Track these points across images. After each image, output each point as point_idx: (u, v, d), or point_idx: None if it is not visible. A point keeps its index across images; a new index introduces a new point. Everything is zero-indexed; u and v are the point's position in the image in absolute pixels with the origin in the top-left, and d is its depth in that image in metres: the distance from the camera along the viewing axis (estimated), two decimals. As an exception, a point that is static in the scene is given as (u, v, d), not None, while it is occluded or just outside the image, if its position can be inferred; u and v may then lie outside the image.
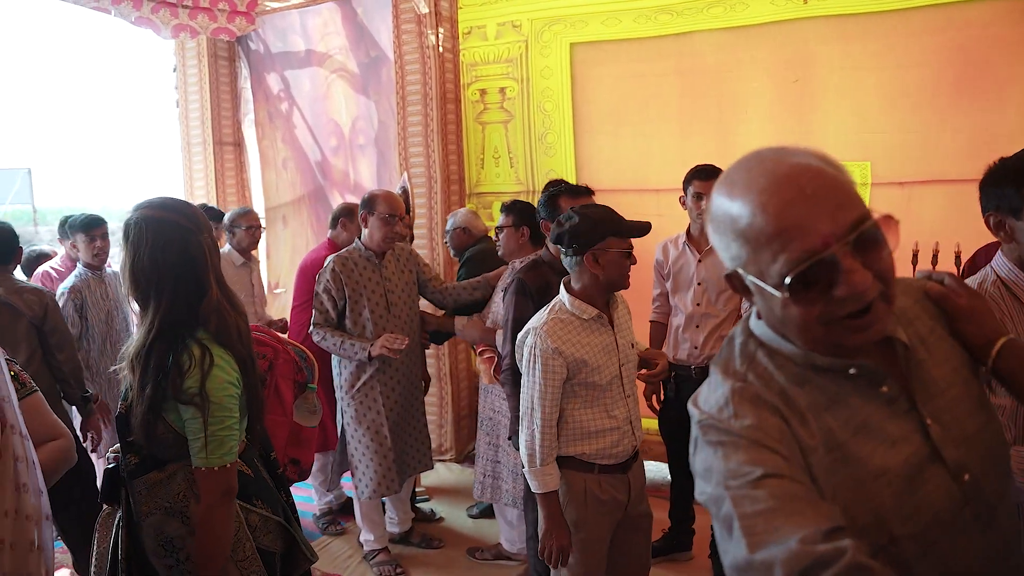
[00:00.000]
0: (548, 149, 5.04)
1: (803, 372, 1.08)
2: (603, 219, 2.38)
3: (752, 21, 4.35)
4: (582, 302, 2.40)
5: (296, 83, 5.83)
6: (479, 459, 3.63)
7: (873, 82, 4.09)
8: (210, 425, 1.75)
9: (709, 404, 1.09)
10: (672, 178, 3.66)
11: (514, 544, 3.74)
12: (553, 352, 2.33)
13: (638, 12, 4.63)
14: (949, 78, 3.90)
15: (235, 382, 1.81)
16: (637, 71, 4.71)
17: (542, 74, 4.99)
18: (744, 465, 0.99)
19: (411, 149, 5.07)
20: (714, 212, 1.06)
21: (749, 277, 1.02)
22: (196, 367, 1.74)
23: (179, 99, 6.17)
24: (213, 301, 1.82)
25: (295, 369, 2.36)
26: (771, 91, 4.37)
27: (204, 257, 1.82)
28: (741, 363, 1.12)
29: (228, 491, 1.80)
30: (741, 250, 1.02)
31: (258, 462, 2.02)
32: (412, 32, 4.97)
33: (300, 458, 2.34)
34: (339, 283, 3.50)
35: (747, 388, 1.08)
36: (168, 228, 1.78)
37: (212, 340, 1.80)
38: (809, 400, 1.06)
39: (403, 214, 3.60)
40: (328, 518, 4.24)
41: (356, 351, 3.45)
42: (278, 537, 1.99)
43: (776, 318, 1.05)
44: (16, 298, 3.16)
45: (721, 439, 1.03)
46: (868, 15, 4.06)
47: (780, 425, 1.04)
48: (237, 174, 6.22)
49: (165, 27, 5.16)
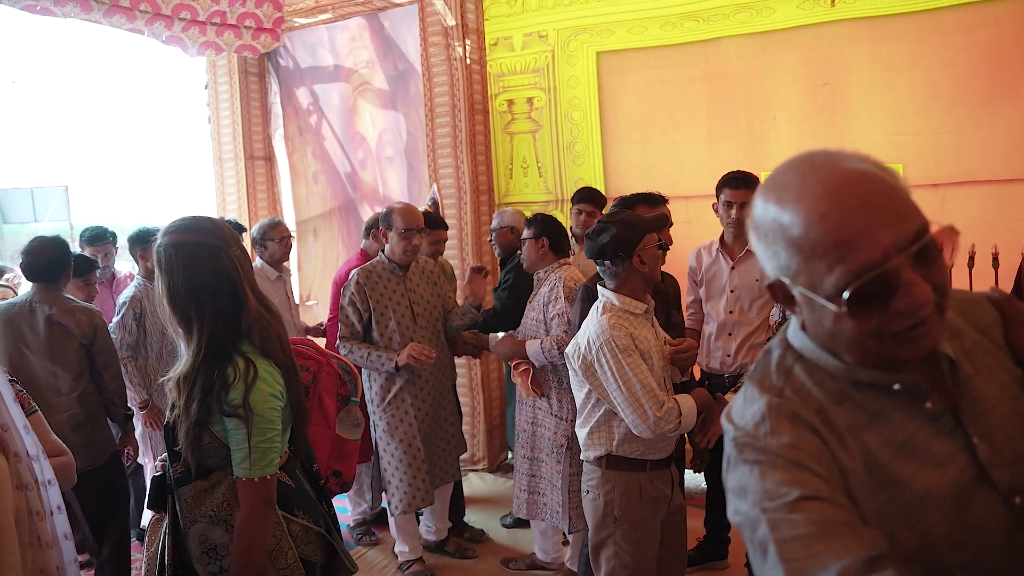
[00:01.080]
0: (576, 158, 5.05)
1: (843, 388, 1.03)
2: (636, 221, 2.52)
3: (779, 26, 4.33)
4: (632, 299, 2.48)
5: (325, 97, 5.90)
6: (517, 474, 3.59)
7: (905, 83, 4.05)
8: (253, 437, 1.77)
9: (744, 419, 1.04)
10: (701, 184, 3.65)
11: (548, 554, 3.72)
12: (627, 337, 2.40)
13: (664, 19, 4.63)
14: (982, 77, 3.85)
15: (279, 394, 1.84)
16: (664, 78, 4.71)
17: (569, 83, 5.01)
18: (782, 486, 0.94)
19: (440, 160, 5.10)
20: (759, 219, 1.01)
21: (798, 288, 0.98)
22: (240, 380, 1.77)
23: (211, 115, 6.27)
24: (253, 312, 1.85)
25: (338, 382, 2.38)
26: (800, 95, 4.34)
27: (237, 271, 1.84)
28: (778, 378, 1.07)
29: (268, 501, 1.82)
30: (791, 260, 0.96)
31: (300, 473, 2.05)
32: (439, 44, 5.02)
33: (343, 471, 2.36)
34: (363, 295, 3.51)
35: (784, 404, 1.03)
36: (198, 249, 1.80)
37: (256, 352, 1.83)
38: (849, 420, 1.01)
39: (422, 227, 3.59)
40: (363, 528, 4.27)
41: (383, 362, 3.47)
42: (319, 547, 2.01)
43: (825, 332, 0.99)
44: (68, 317, 3.19)
45: (758, 457, 0.99)
46: (898, 16, 4.02)
47: (818, 445, 0.99)
48: (268, 188, 6.30)
49: (193, 45, 5.25)
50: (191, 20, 5.17)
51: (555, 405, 3.38)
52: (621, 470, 2.48)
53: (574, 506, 3.38)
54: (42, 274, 3.22)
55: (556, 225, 3.52)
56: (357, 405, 2.45)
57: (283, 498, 1.91)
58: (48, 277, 3.23)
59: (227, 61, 6.01)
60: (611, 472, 2.50)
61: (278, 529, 1.88)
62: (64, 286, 3.32)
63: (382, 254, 3.62)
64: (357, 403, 2.45)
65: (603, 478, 2.52)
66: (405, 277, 3.61)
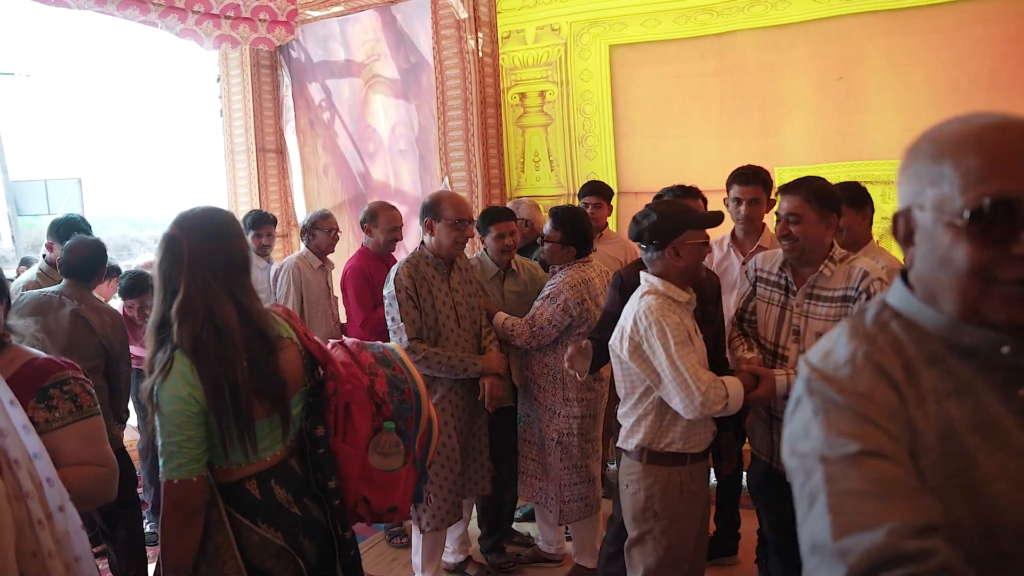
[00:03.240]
0: (589, 152, 5.03)
1: (938, 351, 0.99)
2: (679, 213, 2.49)
3: (794, 19, 4.30)
4: (676, 288, 2.46)
5: (337, 90, 5.90)
6: (521, 459, 3.58)
7: (921, 77, 4.01)
8: (160, 435, 1.73)
9: (826, 362, 1.01)
10: (714, 179, 3.63)
11: (552, 545, 3.71)
12: (676, 317, 2.38)
13: (678, 13, 4.60)
14: (1001, 71, 3.81)
15: (186, 397, 1.72)
16: (677, 72, 4.68)
17: (582, 77, 4.99)
18: (845, 437, 0.92)
19: (452, 154, 5.10)
20: (907, 156, 1.01)
21: (923, 213, 0.97)
22: (158, 370, 1.74)
23: (223, 108, 6.28)
24: (182, 305, 1.77)
25: (371, 399, 2.09)
26: (815, 90, 4.31)
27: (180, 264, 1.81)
28: (873, 327, 1.04)
29: (179, 506, 1.74)
30: (928, 183, 0.96)
31: (279, 485, 1.90)
32: (451, 37, 5.01)
33: (371, 499, 2.08)
34: (415, 289, 3.16)
35: (872, 353, 1.00)
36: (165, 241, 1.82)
37: (182, 347, 1.75)
38: (934, 384, 0.97)
39: (472, 217, 3.31)
40: (396, 528, 4.13)
41: (467, 367, 3.20)
42: (289, 565, 1.88)
43: (935, 261, 0.97)
44: (94, 316, 3.31)
45: (826, 404, 0.96)
46: (914, 9, 3.99)
47: (895, 401, 0.96)
48: (280, 180, 6.31)
49: (208, 38, 5.26)
50: (205, 13, 5.18)
51: (549, 399, 3.38)
52: (662, 464, 2.47)
53: (565, 499, 3.40)
54: (76, 272, 3.35)
55: (583, 225, 3.38)
56: (392, 431, 2.11)
57: (247, 507, 1.84)
58: (81, 276, 3.37)
59: (239, 54, 6.02)
60: (652, 467, 2.48)
61: (220, 535, 1.81)
62: (95, 286, 3.47)
63: (423, 246, 3.26)
64: (391, 429, 2.11)
65: (644, 472, 2.50)
66: (449, 275, 3.28)
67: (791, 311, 2.57)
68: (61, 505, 1.61)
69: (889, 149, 4.10)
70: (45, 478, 1.59)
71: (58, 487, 1.62)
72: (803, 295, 2.53)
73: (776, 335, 2.61)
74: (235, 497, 1.84)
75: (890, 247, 4.04)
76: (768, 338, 2.64)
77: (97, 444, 1.85)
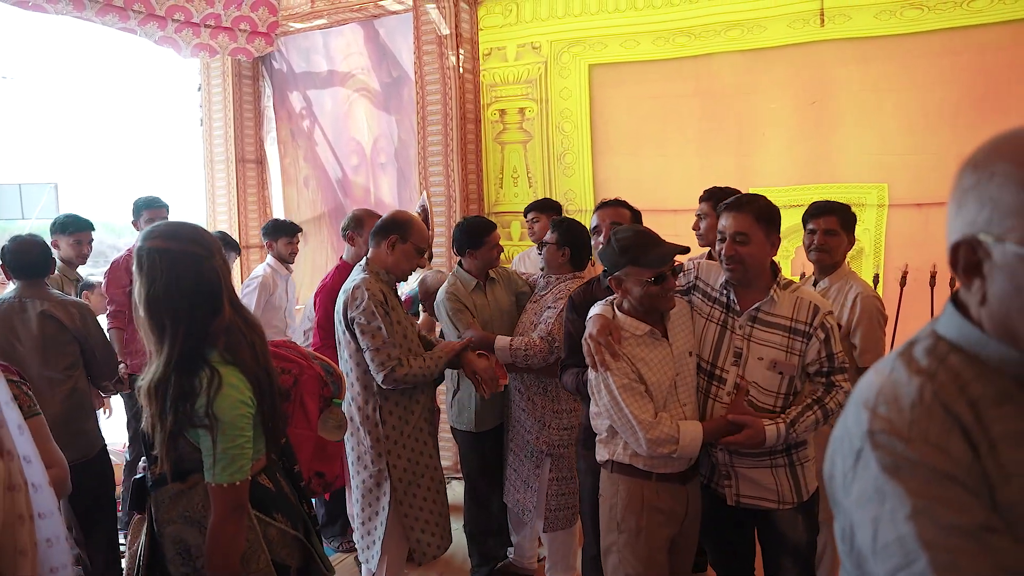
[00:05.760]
0: (567, 169, 5.08)
1: (1007, 388, 0.87)
2: (626, 248, 2.37)
3: (770, 44, 4.38)
4: (633, 319, 2.41)
5: (318, 102, 5.92)
6: (508, 468, 3.56)
7: (892, 104, 4.10)
8: (221, 443, 1.77)
9: (891, 407, 0.88)
10: (690, 199, 3.68)
11: (525, 557, 3.71)
12: (623, 359, 2.36)
13: (656, 34, 4.67)
14: (968, 100, 3.91)
15: (247, 401, 1.83)
16: (655, 92, 4.75)
17: (561, 95, 5.04)
18: (948, 509, 0.78)
19: (431, 168, 5.12)
20: (962, 178, 0.91)
21: (1007, 245, 0.84)
22: (204, 391, 1.77)
23: (203, 117, 6.28)
24: (224, 320, 1.86)
25: (320, 384, 2.40)
26: (789, 113, 4.39)
27: (218, 281, 1.85)
28: (929, 361, 0.91)
29: (237, 507, 1.82)
30: (1004, 211, 0.84)
31: (280, 476, 2.05)
32: (433, 53, 5.05)
33: (325, 471, 2.39)
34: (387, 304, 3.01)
35: (940, 392, 0.87)
36: (183, 258, 1.81)
37: (222, 361, 1.83)
38: (1006, 427, 0.85)
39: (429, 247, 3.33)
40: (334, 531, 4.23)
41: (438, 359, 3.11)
42: (295, 551, 2.02)
43: (1021, 300, 0.85)
44: (61, 311, 3.26)
45: (898, 463, 0.83)
46: (886, 37, 4.08)
47: (968, 451, 0.84)
48: (259, 191, 6.30)
49: (186, 46, 5.27)
50: (185, 22, 5.18)
51: (538, 411, 3.38)
52: (625, 475, 2.44)
53: (551, 508, 3.41)
54: (29, 271, 3.28)
55: (582, 236, 3.34)
56: (340, 407, 2.47)
57: (262, 501, 1.92)
58: (35, 273, 3.30)
59: (221, 64, 6.02)
60: (616, 476, 2.47)
61: (252, 533, 1.89)
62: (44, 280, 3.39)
63: (369, 262, 3.10)
64: (339, 404, 2.46)
65: (609, 482, 2.51)
66: (395, 292, 3.19)
67: (732, 332, 2.44)
68: (42, 512, 1.62)
69: (860, 171, 4.19)
70: (34, 483, 1.60)
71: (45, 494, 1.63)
72: (747, 318, 2.41)
73: (714, 355, 2.46)
74: (252, 494, 1.90)
75: (860, 270, 4.12)
76: (704, 356, 2.49)
77: (44, 444, 1.90)
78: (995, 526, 0.77)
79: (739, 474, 2.45)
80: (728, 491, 2.47)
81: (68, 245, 4.28)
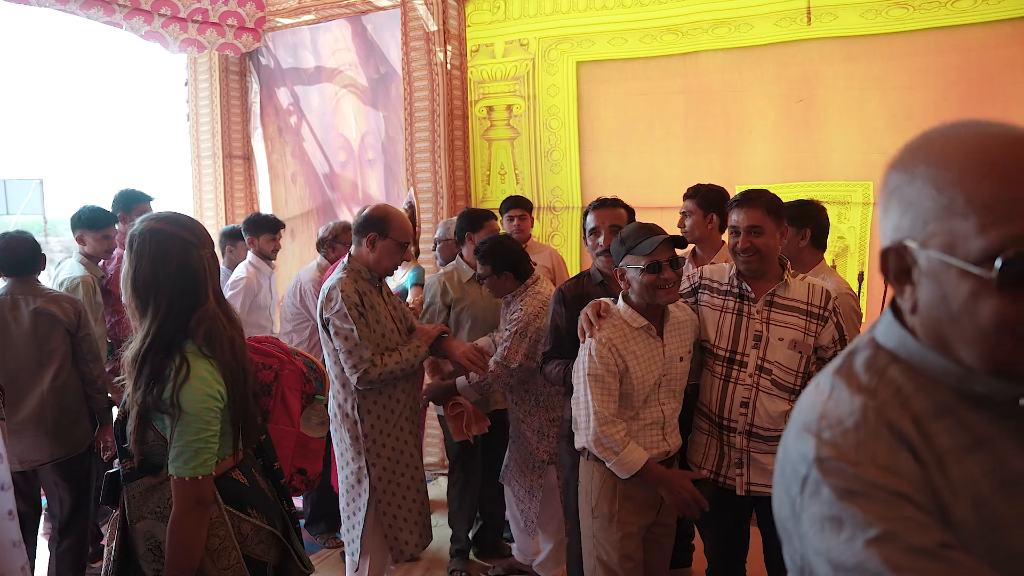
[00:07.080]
0: (554, 166, 5.08)
1: (946, 401, 0.85)
2: (624, 238, 2.50)
3: (757, 42, 4.39)
4: (633, 312, 2.50)
5: (306, 98, 5.90)
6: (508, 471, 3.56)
7: (877, 102, 4.12)
8: (184, 435, 1.76)
9: (835, 431, 0.83)
10: (677, 196, 3.68)
11: (527, 555, 3.70)
12: (608, 347, 2.43)
13: (644, 32, 4.68)
14: (953, 99, 3.93)
15: (216, 395, 1.81)
16: (643, 90, 4.75)
17: (548, 92, 5.04)
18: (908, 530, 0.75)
19: (418, 165, 5.12)
20: (889, 179, 0.87)
21: (930, 251, 0.81)
22: (172, 378, 1.77)
23: (190, 112, 6.24)
24: (208, 312, 1.85)
25: (302, 380, 2.38)
26: (776, 110, 4.40)
27: (203, 271, 1.86)
28: (869, 377, 0.88)
29: (200, 502, 1.80)
30: (928, 217, 0.81)
31: (256, 472, 2.04)
32: (421, 49, 5.04)
33: (307, 468, 2.37)
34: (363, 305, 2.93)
35: (883, 410, 0.84)
36: (170, 241, 1.82)
37: (197, 352, 1.82)
38: (950, 441, 0.83)
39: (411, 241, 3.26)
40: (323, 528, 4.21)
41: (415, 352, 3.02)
42: (271, 547, 2.00)
43: (948, 314, 0.82)
44: (54, 306, 3.26)
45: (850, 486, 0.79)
46: (872, 36, 4.10)
47: (917, 469, 0.80)
48: (246, 187, 6.28)
49: (174, 41, 5.24)
50: (172, 16, 5.16)
51: (536, 422, 3.36)
52: (599, 462, 2.50)
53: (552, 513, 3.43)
54: (20, 268, 3.29)
55: (510, 252, 3.29)
56: (323, 403, 2.45)
57: (235, 496, 1.91)
58: (26, 271, 3.30)
59: (208, 59, 5.99)
60: (591, 463, 2.55)
61: (222, 529, 1.87)
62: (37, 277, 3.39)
63: (352, 259, 3.01)
64: (322, 401, 2.45)
65: (585, 468, 2.58)
66: (380, 288, 3.10)
67: (750, 318, 2.56)
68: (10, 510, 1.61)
69: (846, 169, 4.21)
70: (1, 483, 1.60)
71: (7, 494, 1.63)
72: (764, 302, 2.55)
73: (733, 341, 2.58)
74: (225, 489, 1.90)
75: (843, 271, 4.14)
76: (722, 345, 2.59)
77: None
78: (952, 543, 0.75)
79: (753, 460, 2.54)
80: (739, 479, 2.55)
81: (95, 240, 3.98)
